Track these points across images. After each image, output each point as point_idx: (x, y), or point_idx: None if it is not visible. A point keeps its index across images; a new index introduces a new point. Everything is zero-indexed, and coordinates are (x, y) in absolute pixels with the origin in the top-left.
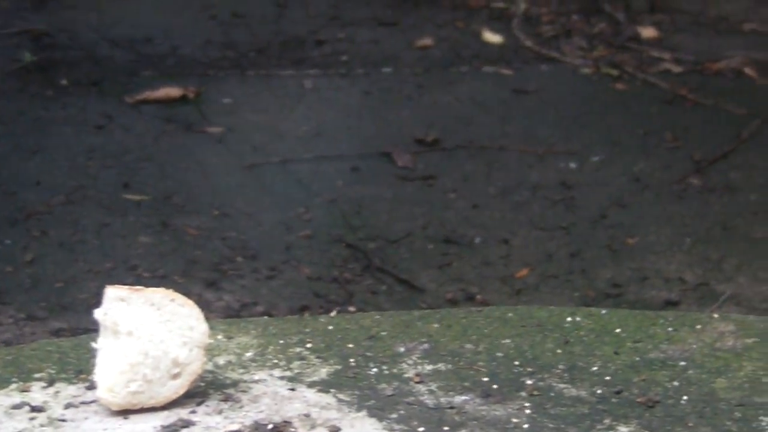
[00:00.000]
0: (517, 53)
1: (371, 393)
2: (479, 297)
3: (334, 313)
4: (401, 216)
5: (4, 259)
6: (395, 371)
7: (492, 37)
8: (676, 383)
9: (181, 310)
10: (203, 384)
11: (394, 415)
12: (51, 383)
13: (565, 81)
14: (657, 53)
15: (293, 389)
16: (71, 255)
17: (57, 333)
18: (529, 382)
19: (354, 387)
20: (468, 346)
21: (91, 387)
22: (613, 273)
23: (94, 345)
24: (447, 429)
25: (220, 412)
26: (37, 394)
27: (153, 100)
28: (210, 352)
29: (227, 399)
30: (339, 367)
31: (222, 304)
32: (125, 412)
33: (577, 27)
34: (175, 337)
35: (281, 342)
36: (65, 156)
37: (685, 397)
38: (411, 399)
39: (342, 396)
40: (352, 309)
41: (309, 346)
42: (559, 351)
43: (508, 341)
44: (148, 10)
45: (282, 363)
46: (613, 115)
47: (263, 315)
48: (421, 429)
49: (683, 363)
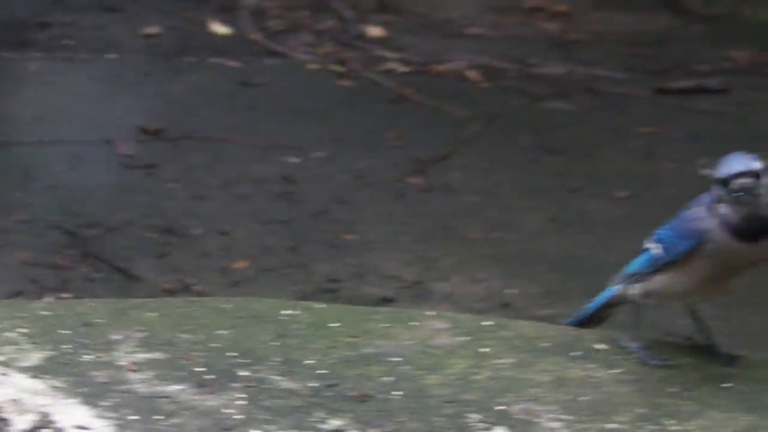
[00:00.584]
0: (245, 46)
1: (84, 380)
2: (197, 288)
3: (49, 299)
4: (121, 204)
5: None
6: (109, 359)
7: (220, 29)
8: (389, 378)
9: None
10: None
11: (106, 403)
12: None
13: (291, 76)
14: (383, 53)
15: (5, 374)
16: None
17: None
18: (244, 373)
19: (67, 373)
20: (184, 336)
21: None
22: (332, 268)
23: None
24: (159, 418)
25: None
26: None
27: None
28: None
29: None
30: (52, 353)
31: None
32: None
33: (305, 23)
34: None
35: None
36: None
37: (398, 393)
38: (124, 387)
39: (55, 382)
40: (67, 295)
41: (22, 331)
42: (275, 343)
43: (224, 332)
44: None
45: None
46: (338, 112)
47: None
48: (133, 417)
49: (397, 359)
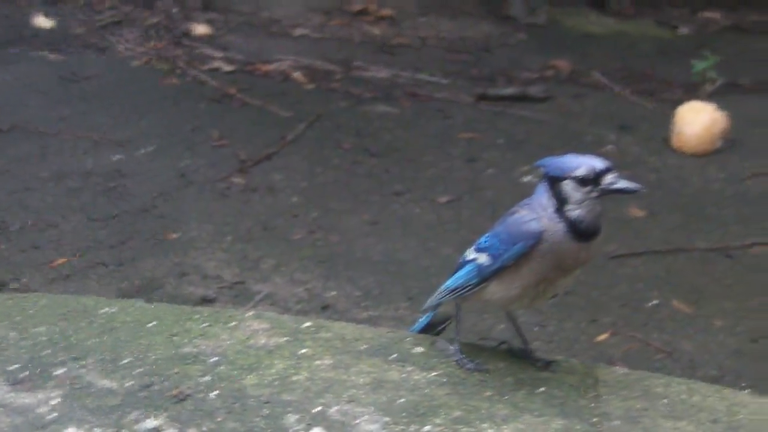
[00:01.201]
0: (70, 40)
1: None
2: (19, 283)
3: None
4: None
5: None
6: None
7: (45, 22)
8: (207, 378)
9: None
10: None
11: None
12: None
13: (118, 71)
14: (208, 51)
15: None
16: None
17: None
18: (61, 371)
19: None
20: None
21: None
22: (155, 266)
23: None
24: None
25: None
26: None
27: None
28: None
29: None
30: None
31: None
32: None
33: (132, 18)
34: None
35: None
36: None
37: (216, 392)
38: None
39: None
40: None
41: None
42: (94, 341)
43: (42, 329)
44: None
45: None
46: (163, 109)
47: None
48: None
49: (216, 359)
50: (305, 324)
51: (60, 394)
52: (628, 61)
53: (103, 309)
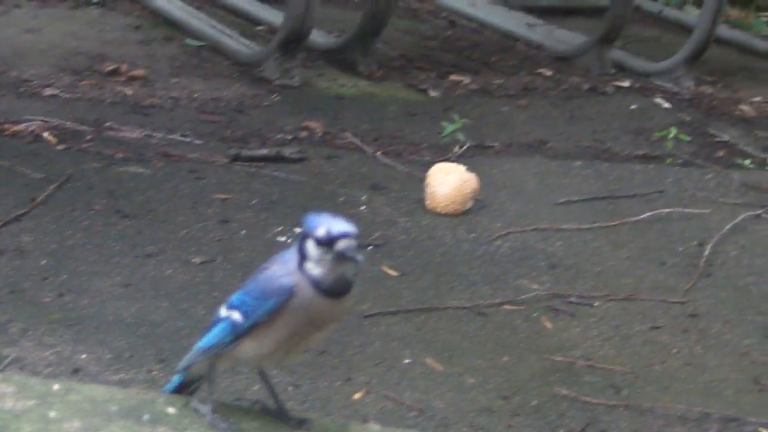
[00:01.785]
0: None
1: None
2: None
3: None
4: None
5: None
6: None
7: None
8: None
9: None
10: None
11: None
12: None
13: None
14: None
15: None
16: None
17: None
18: None
19: None
20: None
21: None
22: None
23: None
24: None
25: None
26: None
27: None
28: None
29: None
30: None
31: None
32: None
33: None
34: None
35: None
36: None
37: None
38: None
39: None
40: None
41: None
42: None
43: None
44: None
45: None
46: None
47: None
48: None
49: None
50: (54, 387)
51: None
52: (378, 123)
53: None
